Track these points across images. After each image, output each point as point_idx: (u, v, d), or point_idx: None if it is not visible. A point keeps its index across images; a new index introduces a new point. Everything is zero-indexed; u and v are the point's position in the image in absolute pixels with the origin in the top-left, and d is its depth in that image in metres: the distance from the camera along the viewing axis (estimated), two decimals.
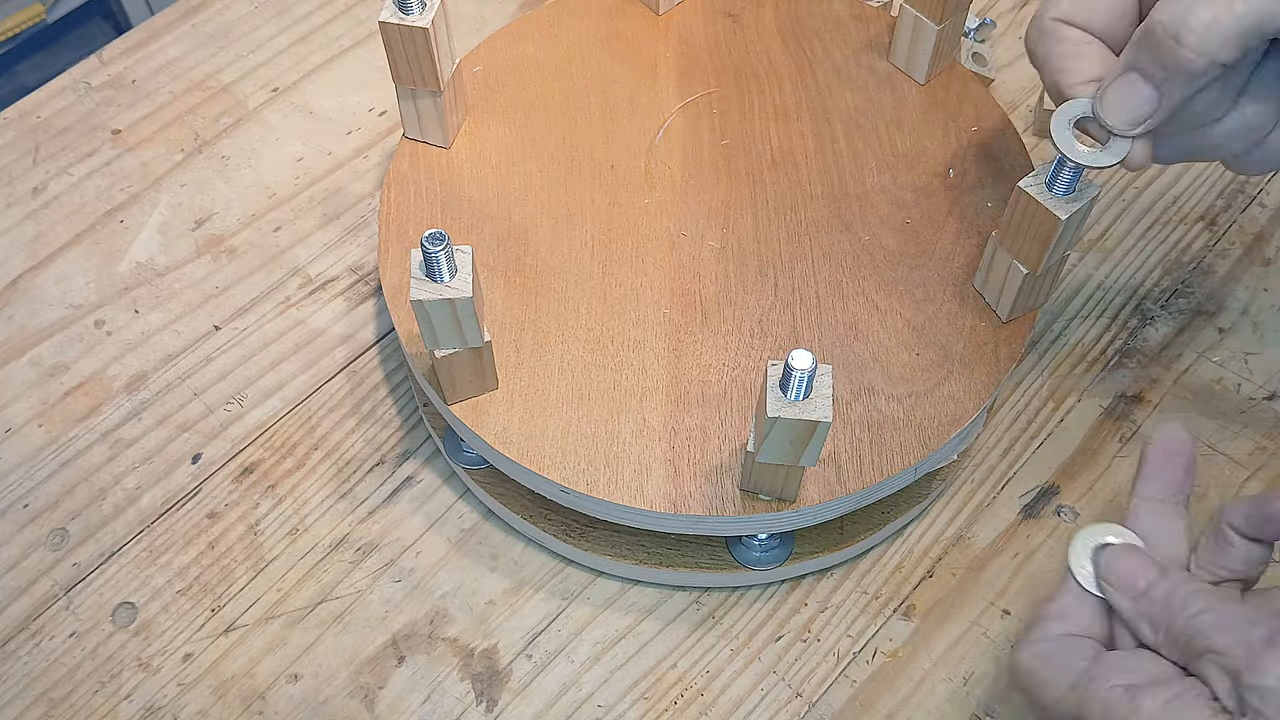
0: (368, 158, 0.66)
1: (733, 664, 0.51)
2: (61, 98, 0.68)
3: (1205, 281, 0.61)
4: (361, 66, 0.69)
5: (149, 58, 0.69)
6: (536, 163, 0.57)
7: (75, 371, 0.58)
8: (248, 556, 0.53)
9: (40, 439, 0.56)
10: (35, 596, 0.52)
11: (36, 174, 0.65)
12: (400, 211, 0.55)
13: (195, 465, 0.56)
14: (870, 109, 0.59)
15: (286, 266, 0.62)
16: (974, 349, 0.51)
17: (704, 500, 0.47)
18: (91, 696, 0.50)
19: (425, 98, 0.54)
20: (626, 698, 0.50)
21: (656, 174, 0.56)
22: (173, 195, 0.64)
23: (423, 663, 0.51)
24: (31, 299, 0.61)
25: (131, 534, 0.54)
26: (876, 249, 0.54)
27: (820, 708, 0.50)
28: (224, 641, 0.51)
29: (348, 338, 0.60)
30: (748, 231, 0.54)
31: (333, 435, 0.57)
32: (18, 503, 0.55)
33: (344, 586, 0.53)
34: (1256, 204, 0.64)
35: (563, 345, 0.51)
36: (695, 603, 0.52)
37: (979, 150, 0.57)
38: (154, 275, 0.61)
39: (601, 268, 0.53)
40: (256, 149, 0.66)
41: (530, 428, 0.49)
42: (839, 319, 0.52)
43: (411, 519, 0.54)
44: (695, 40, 0.61)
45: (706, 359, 0.51)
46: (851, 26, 0.62)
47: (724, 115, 0.58)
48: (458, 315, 0.44)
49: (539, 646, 0.51)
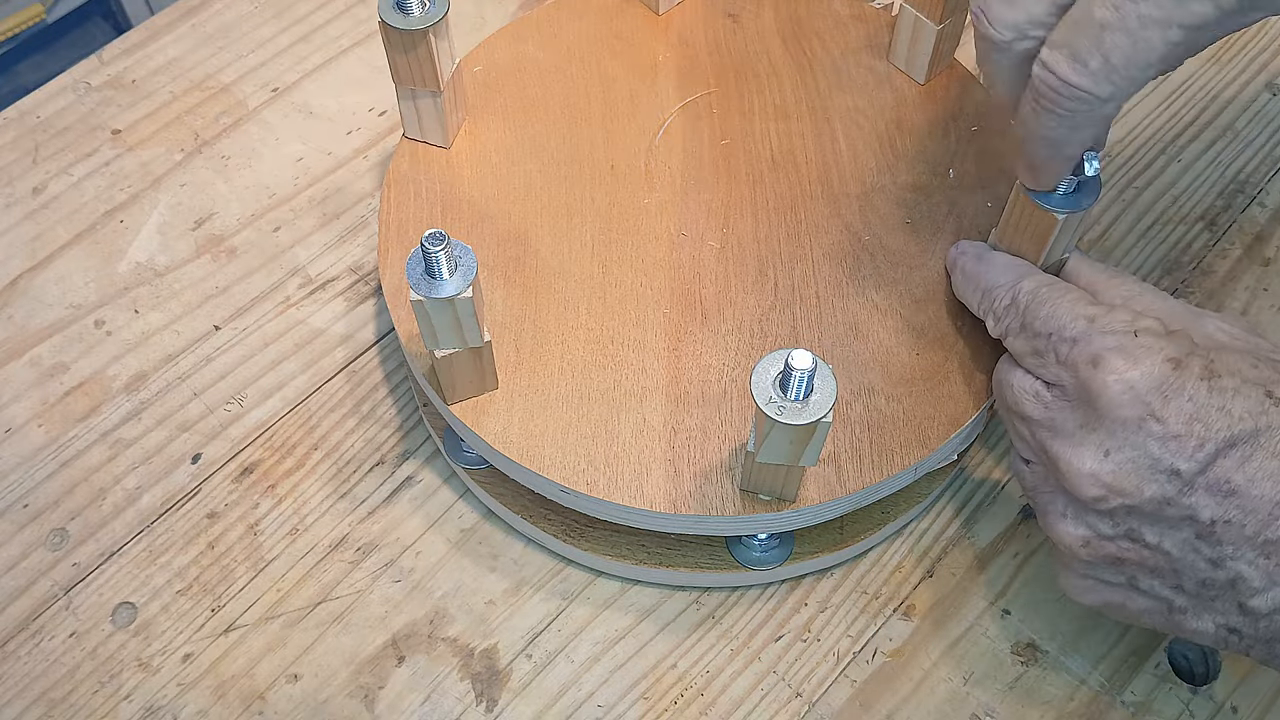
0: (368, 158, 0.66)
1: (733, 664, 0.51)
2: (61, 98, 0.68)
3: (1205, 281, 0.61)
4: (361, 66, 0.69)
5: (149, 58, 0.69)
6: (536, 163, 0.57)
7: (75, 371, 0.58)
8: (248, 556, 0.53)
9: (40, 439, 0.56)
10: (35, 596, 0.52)
11: (36, 174, 0.65)
12: (400, 211, 0.55)
13: (195, 465, 0.56)
14: (870, 109, 0.59)
15: (286, 266, 0.62)
16: (974, 349, 0.51)
17: (704, 500, 0.47)
18: (91, 696, 0.50)
19: (425, 98, 0.54)
20: (626, 698, 0.50)
21: (656, 174, 0.56)
22: (173, 195, 0.64)
23: (423, 663, 0.51)
24: (31, 299, 0.61)
25: (131, 534, 0.54)
26: (876, 249, 0.54)
27: (820, 708, 0.50)
28: (224, 641, 0.51)
29: (348, 338, 0.60)
30: (748, 231, 0.55)
31: (333, 435, 0.57)
32: (18, 503, 0.55)
33: (344, 586, 0.53)
34: (1256, 204, 0.64)
35: (563, 345, 0.51)
36: (695, 603, 0.52)
37: (979, 150, 0.57)
38: (154, 275, 0.61)
39: (601, 268, 0.53)
40: (256, 149, 0.66)
41: (530, 428, 0.49)
42: (839, 319, 0.52)
43: (411, 519, 0.54)
44: (695, 40, 0.61)
45: (706, 359, 0.51)
46: (851, 26, 0.62)
47: (724, 115, 0.58)
48: (458, 315, 0.44)
49: (539, 646, 0.51)
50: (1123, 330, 0.41)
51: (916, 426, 0.49)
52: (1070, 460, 0.42)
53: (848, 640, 0.52)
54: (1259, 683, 0.50)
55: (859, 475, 0.48)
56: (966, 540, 0.54)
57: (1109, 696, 0.50)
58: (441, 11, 0.50)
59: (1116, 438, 0.40)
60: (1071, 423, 0.42)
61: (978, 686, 0.50)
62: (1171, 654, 0.51)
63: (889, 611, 0.52)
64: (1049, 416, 0.43)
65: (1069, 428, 0.42)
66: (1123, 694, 0.50)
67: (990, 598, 0.52)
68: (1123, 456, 0.40)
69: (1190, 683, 0.51)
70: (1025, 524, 0.54)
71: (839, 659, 0.51)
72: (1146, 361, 0.40)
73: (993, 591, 0.53)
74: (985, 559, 0.53)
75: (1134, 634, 0.51)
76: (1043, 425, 0.43)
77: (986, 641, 0.51)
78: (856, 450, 0.48)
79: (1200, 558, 0.41)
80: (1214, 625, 0.42)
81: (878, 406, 0.49)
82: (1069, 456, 0.42)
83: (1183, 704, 0.50)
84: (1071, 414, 0.42)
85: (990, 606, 0.52)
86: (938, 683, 0.50)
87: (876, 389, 0.50)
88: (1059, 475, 0.42)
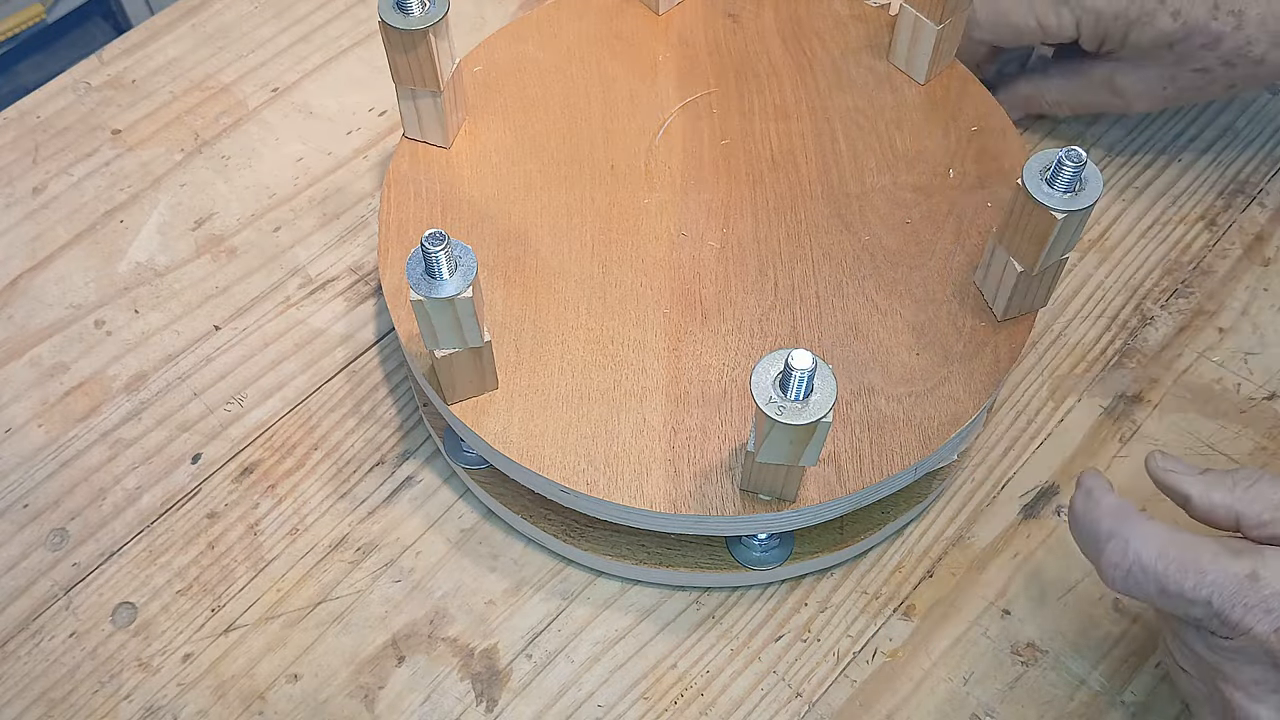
0: (368, 158, 0.66)
1: (733, 664, 0.51)
2: (61, 98, 0.68)
3: (1205, 281, 0.61)
4: (361, 66, 0.69)
5: (149, 58, 0.69)
6: (536, 163, 0.57)
7: (75, 371, 0.58)
8: (248, 556, 0.53)
9: (40, 439, 0.56)
10: (35, 596, 0.52)
11: (36, 174, 0.65)
12: (400, 211, 0.55)
13: (195, 465, 0.56)
14: (870, 109, 0.59)
15: (286, 266, 0.62)
16: (974, 349, 0.51)
17: (704, 500, 0.47)
18: (91, 696, 0.50)
19: (425, 98, 0.54)
20: (626, 697, 0.50)
21: (656, 174, 0.56)
22: (173, 195, 0.64)
23: (423, 663, 0.51)
24: (31, 299, 0.61)
25: (131, 534, 0.54)
26: (876, 249, 0.54)
27: (820, 708, 0.50)
28: (224, 641, 0.51)
29: (348, 338, 0.60)
30: (748, 231, 0.54)
31: (333, 435, 0.57)
32: (18, 503, 0.55)
33: (344, 586, 0.53)
34: (1256, 204, 0.64)
35: (563, 345, 0.51)
36: (695, 603, 0.52)
37: (979, 150, 0.57)
38: (154, 275, 0.61)
39: (601, 268, 0.53)
40: (256, 149, 0.66)
41: (530, 428, 0.49)
42: (839, 319, 0.52)
43: (411, 519, 0.54)
44: (695, 40, 0.61)
45: (706, 359, 0.51)
46: (851, 26, 0.62)
47: (724, 115, 0.58)
48: (458, 315, 0.44)
49: (539, 646, 0.51)
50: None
51: (916, 426, 0.49)
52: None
53: (848, 640, 0.52)
54: None
55: (859, 475, 0.48)
56: (966, 540, 0.54)
57: (1109, 696, 0.50)
58: (441, 11, 0.50)
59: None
60: (1248, 676, 0.40)
61: (978, 686, 0.50)
62: None
63: (889, 611, 0.52)
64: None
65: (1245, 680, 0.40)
66: (1123, 694, 0.50)
67: (990, 598, 0.52)
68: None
69: None
70: (1025, 524, 0.54)
71: (839, 659, 0.51)
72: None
73: (993, 591, 0.53)
74: (985, 559, 0.53)
75: (1134, 634, 0.51)
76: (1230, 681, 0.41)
77: (986, 641, 0.51)
78: (856, 450, 0.48)
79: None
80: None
81: (878, 406, 0.49)
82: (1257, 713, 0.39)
83: (1183, 704, 0.50)
84: (1250, 669, 0.39)
85: (990, 606, 0.52)
86: (938, 683, 0.50)
87: (876, 389, 0.50)
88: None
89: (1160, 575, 0.40)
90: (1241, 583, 0.38)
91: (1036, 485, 0.55)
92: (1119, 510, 0.42)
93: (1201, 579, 0.39)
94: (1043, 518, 0.54)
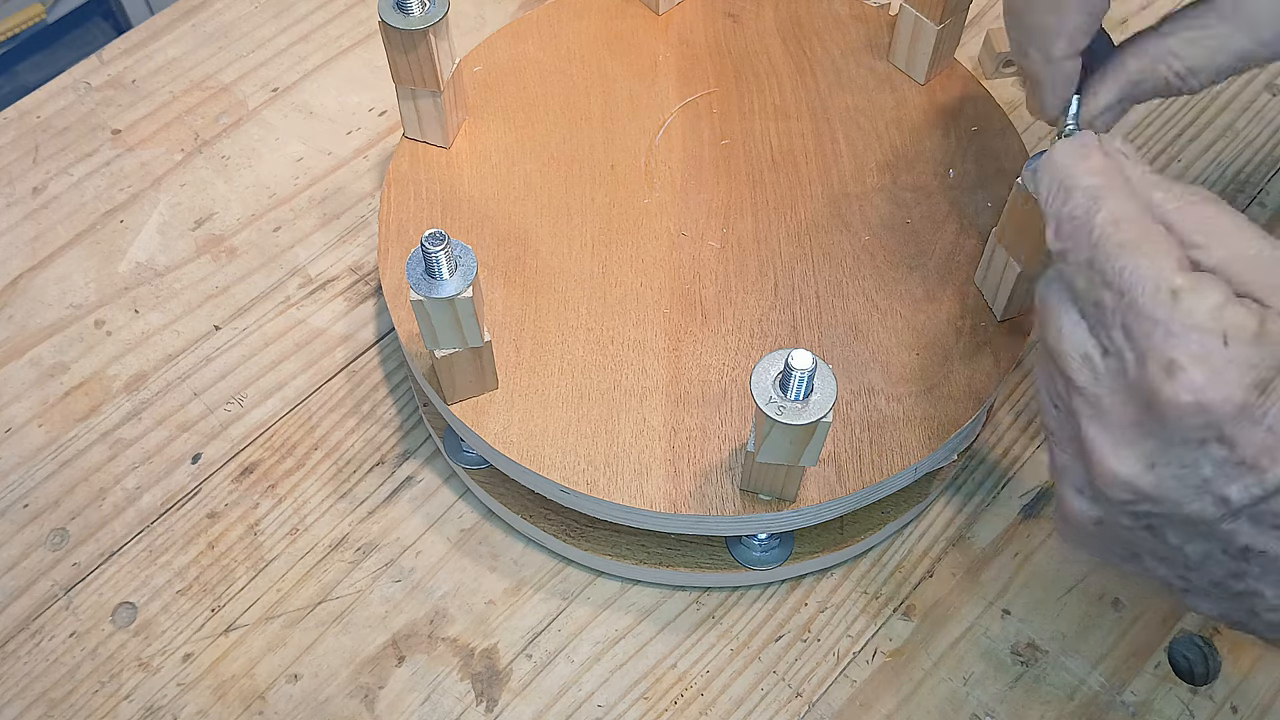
0: (368, 158, 0.66)
1: (733, 664, 0.51)
2: (61, 98, 0.68)
3: None
4: (361, 66, 0.69)
5: (149, 58, 0.69)
6: (536, 163, 0.57)
7: (75, 371, 0.58)
8: (248, 556, 0.53)
9: (40, 439, 0.56)
10: (35, 596, 0.52)
11: (36, 174, 0.65)
12: (400, 211, 0.55)
13: (195, 465, 0.56)
14: (870, 109, 0.59)
15: (286, 266, 0.62)
16: (974, 349, 0.51)
17: (704, 500, 0.47)
18: (91, 696, 0.50)
19: (425, 98, 0.54)
20: (626, 697, 0.50)
21: (656, 174, 0.56)
22: (173, 195, 0.64)
23: (423, 663, 0.51)
24: (31, 299, 0.61)
25: (131, 534, 0.54)
26: (876, 249, 0.54)
27: (820, 708, 0.50)
28: (224, 641, 0.51)
29: (348, 338, 0.60)
30: (748, 231, 0.55)
31: (333, 435, 0.57)
32: (18, 503, 0.55)
33: (344, 586, 0.53)
34: (1256, 204, 0.64)
35: (563, 345, 0.51)
36: (695, 603, 0.52)
37: (979, 150, 0.57)
38: (154, 275, 0.61)
39: (601, 268, 0.53)
40: (256, 149, 0.66)
41: (530, 428, 0.49)
42: (839, 319, 0.52)
43: (411, 519, 0.54)
44: (695, 40, 0.61)
45: (706, 359, 0.51)
46: (851, 26, 0.62)
47: (724, 115, 0.58)
48: (458, 315, 0.44)
49: (539, 646, 0.51)
50: (1209, 328, 0.33)
51: (916, 426, 0.49)
52: (1106, 457, 0.36)
53: (848, 640, 0.52)
54: (1259, 683, 0.50)
55: (859, 475, 0.48)
56: (966, 540, 0.54)
57: (1109, 696, 0.50)
58: (441, 11, 0.50)
59: (1169, 454, 0.35)
60: (1120, 414, 0.35)
61: (978, 686, 0.50)
62: (1172, 654, 0.51)
63: (889, 611, 0.52)
64: (1095, 393, 0.36)
65: (1115, 417, 0.36)
66: (1123, 694, 0.50)
67: (990, 598, 0.52)
68: (1169, 472, 0.35)
69: (1190, 683, 0.51)
70: (1025, 524, 0.54)
71: (839, 659, 0.51)
72: (1230, 383, 0.33)
73: (993, 591, 0.53)
74: (985, 559, 0.53)
75: (1134, 634, 0.51)
76: (1084, 398, 0.36)
77: (986, 641, 0.51)
78: (856, 450, 0.48)
79: (1221, 569, 0.36)
80: (1216, 610, 0.39)
81: (878, 406, 0.49)
82: (1106, 452, 0.36)
83: (1183, 704, 0.50)
84: (1123, 403, 0.35)
85: (990, 606, 0.52)
86: (938, 683, 0.50)
87: (876, 389, 0.50)
88: (1087, 461, 0.37)
89: (1101, 240, 0.36)
90: (1165, 298, 0.34)
91: (1036, 485, 0.55)
92: (1105, 170, 0.38)
93: (1137, 270, 0.35)
94: (1043, 518, 0.54)
